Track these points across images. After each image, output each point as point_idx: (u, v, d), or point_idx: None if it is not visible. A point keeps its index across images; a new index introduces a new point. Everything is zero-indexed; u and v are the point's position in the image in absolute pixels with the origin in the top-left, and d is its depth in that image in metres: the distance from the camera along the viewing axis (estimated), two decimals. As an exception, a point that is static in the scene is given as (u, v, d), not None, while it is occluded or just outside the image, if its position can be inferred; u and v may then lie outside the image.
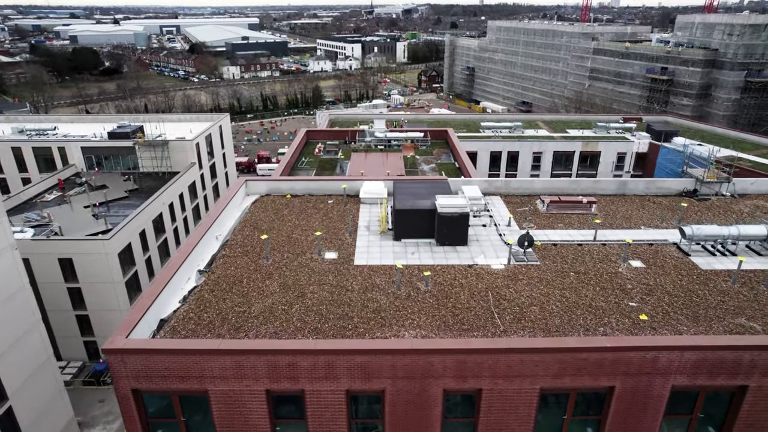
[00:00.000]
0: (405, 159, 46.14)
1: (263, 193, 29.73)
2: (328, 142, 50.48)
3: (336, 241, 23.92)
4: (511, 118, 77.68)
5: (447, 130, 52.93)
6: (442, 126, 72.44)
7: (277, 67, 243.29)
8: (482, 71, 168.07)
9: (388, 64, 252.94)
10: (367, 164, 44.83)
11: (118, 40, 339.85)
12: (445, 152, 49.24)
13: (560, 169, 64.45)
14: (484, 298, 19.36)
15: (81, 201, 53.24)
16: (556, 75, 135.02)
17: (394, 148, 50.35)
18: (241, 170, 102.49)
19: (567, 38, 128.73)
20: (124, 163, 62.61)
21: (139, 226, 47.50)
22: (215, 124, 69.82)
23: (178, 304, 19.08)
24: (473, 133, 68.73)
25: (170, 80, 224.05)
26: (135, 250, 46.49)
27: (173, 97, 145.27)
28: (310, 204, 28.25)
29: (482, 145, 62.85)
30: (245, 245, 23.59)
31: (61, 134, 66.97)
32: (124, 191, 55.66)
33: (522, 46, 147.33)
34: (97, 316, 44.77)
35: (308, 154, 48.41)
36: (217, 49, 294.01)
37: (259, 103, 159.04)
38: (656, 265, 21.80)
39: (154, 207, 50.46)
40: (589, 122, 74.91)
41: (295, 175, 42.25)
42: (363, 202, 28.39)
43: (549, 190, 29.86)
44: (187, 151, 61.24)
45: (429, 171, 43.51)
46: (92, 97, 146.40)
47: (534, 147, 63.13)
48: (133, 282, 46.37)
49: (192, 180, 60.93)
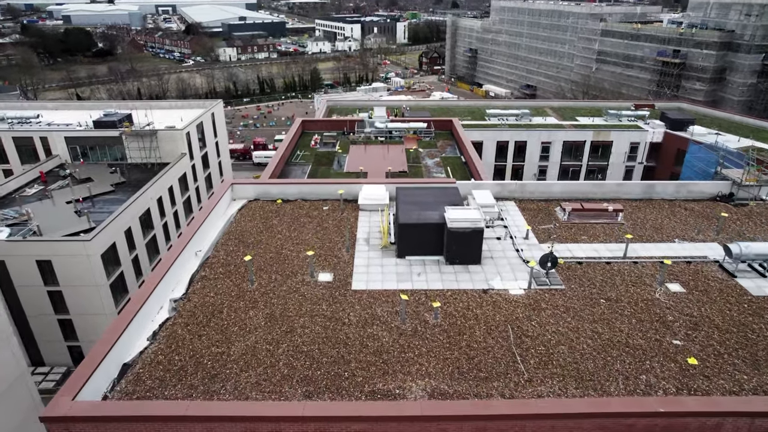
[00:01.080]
0: (407, 152, 43.06)
1: (251, 197, 26.78)
2: (326, 133, 47.32)
3: (331, 258, 21.08)
4: (518, 104, 74.22)
5: (451, 120, 49.70)
6: (445, 113, 69.16)
7: (274, 49, 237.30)
8: (485, 53, 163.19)
9: (388, 45, 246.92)
10: (366, 158, 41.77)
11: (113, 20, 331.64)
12: (450, 144, 46.11)
13: (570, 159, 61.36)
14: (503, 334, 16.60)
15: (64, 195, 50.23)
16: (562, 58, 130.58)
17: (396, 139, 47.21)
18: (236, 158, 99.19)
19: (574, 19, 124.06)
20: (111, 153, 59.38)
21: (125, 224, 44.61)
22: (207, 111, 66.36)
23: (147, 342, 16.33)
24: (478, 121, 65.41)
25: (165, 62, 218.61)
26: (120, 249, 43.69)
27: (167, 80, 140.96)
28: (303, 211, 25.33)
29: (488, 134, 59.62)
30: (228, 264, 20.75)
31: (45, 122, 63.62)
32: (110, 185, 52.60)
33: (527, 27, 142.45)
34: (80, 320, 42.21)
35: (304, 146, 45.29)
36: (213, 29, 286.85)
37: (255, 86, 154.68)
38: (698, 290, 19.00)
39: (140, 203, 47.50)
40: (599, 109, 71.43)
41: (289, 170, 39.28)
42: (362, 209, 25.48)
43: (568, 194, 26.93)
44: (177, 141, 57.97)
45: (433, 166, 40.48)
46: (82, 81, 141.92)
47: (543, 136, 59.92)
48: (118, 283, 43.67)
49: (182, 172, 57.82)
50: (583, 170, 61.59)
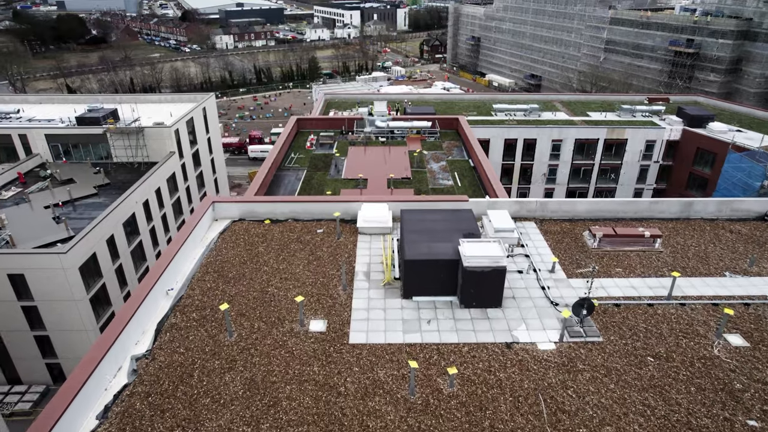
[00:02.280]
0: (411, 155, 39.72)
1: (235, 217, 23.55)
2: (322, 132, 43.92)
3: (325, 299, 17.94)
4: (525, 99, 70.63)
5: (458, 117, 46.26)
6: (449, 108, 65.68)
7: (272, 36, 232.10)
8: (488, 41, 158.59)
9: (389, 33, 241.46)
10: (366, 162, 38.44)
11: (108, 5, 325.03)
12: (457, 145, 42.75)
13: (582, 158, 58.02)
14: (534, 408, 13.52)
15: (43, 199, 47.00)
16: (568, 47, 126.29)
17: (398, 139, 43.84)
18: (231, 152, 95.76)
19: (581, 6, 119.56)
20: (95, 152, 56.01)
21: (107, 232, 41.48)
22: (198, 105, 62.80)
23: (95, 423, 13.24)
24: (485, 116, 61.96)
25: (160, 50, 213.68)
26: (102, 259, 40.62)
27: (161, 69, 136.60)
28: (294, 234, 22.12)
29: (495, 131, 56.21)
30: (203, 307, 17.61)
31: (26, 118, 60.10)
32: (93, 187, 49.33)
33: (531, 15, 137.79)
34: (58, 336, 39.28)
35: (298, 148, 41.94)
36: (210, 16, 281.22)
37: (252, 75, 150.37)
38: (765, 344, 15.89)
39: (124, 208, 44.30)
40: (611, 103, 67.91)
41: (282, 177, 35.98)
42: (362, 232, 22.28)
43: (595, 214, 23.71)
44: (165, 139, 54.57)
45: (439, 171, 37.17)
46: (72, 70, 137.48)
47: (553, 134, 56.53)
48: (100, 296, 40.65)
49: (171, 171, 54.51)
50: (595, 169, 58.30)
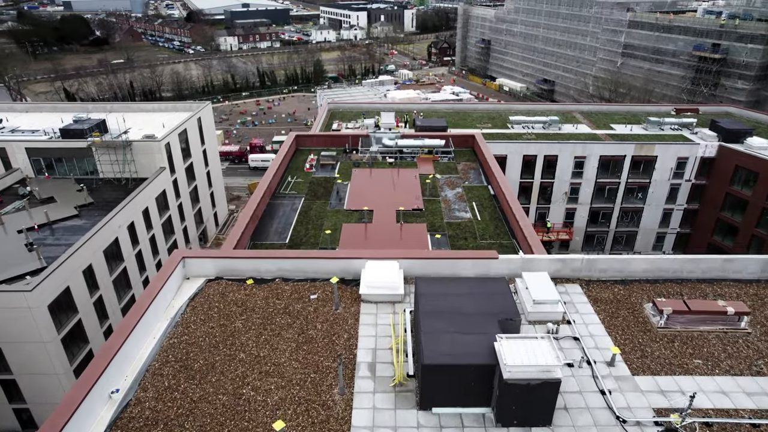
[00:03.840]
0: (422, 180, 35.27)
1: (211, 275, 19.22)
2: (323, 152, 39.51)
3: (316, 408, 13.56)
4: (543, 109, 65.97)
5: (473, 134, 41.76)
6: (461, 118, 61.23)
7: (277, 38, 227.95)
8: (499, 44, 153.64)
9: (396, 34, 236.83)
10: (372, 188, 34.04)
11: (114, 5, 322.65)
12: (473, 167, 38.23)
13: (606, 176, 53.33)
14: None
15: (19, 220, 42.92)
16: (584, 51, 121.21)
17: (408, 159, 39.41)
18: (231, 160, 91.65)
19: (597, 8, 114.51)
20: (80, 167, 51.96)
21: (83, 262, 37.35)
22: (193, 116, 58.65)
23: None
24: (500, 129, 57.41)
25: (164, 52, 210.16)
26: (77, 293, 36.50)
27: (161, 73, 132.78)
28: (281, 303, 17.75)
29: (513, 147, 51.65)
30: (155, 420, 13.27)
31: (10, 128, 56.24)
32: (74, 207, 45.24)
33: (544, 17, 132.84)
34: (26, 380, 35.18)
35: (297, 169, 37.59)
36: (215, 17, 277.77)
37: (255, 79, 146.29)
38: None
39: (105, 234, 40.17)
40: (636, 114, 63.15)
41: (275, 207, 31.62)
42: (365, 300, 17.89)
43: (654, 273, 19.19)
44: (155, 154, 50.44)
45: (455, 200, 32.69)
46: (69, 72, 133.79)
47: (576, 150, 51.88)
48: (76, 333, 36.48)
49: (161, 189, 50.37)
50: (621, 188, 53.62)
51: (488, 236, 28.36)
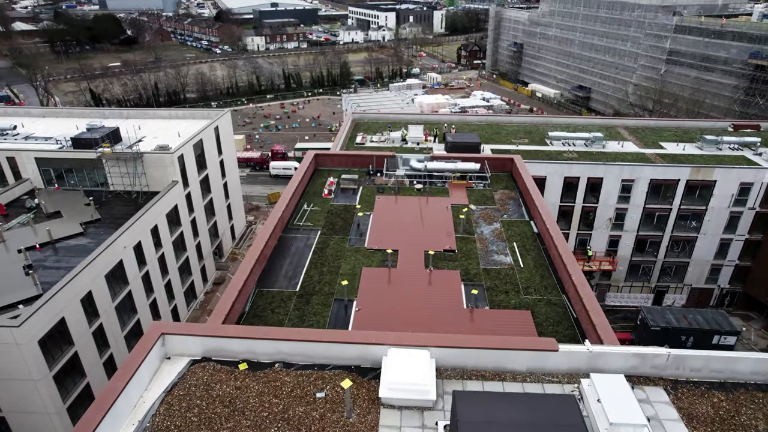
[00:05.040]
0: (454, 212, 31.13)
1: (197, 355, 15.53)
2: (344, 175, 35.65)
3: None
4: (584, 123, 60.88)
5: (512, 158, 37.34)
6: (495, 132, 56.74)
7: (304, 38, 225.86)
8: (532, 48, 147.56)
9: (424, 35, 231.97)
10: (397, 222, 30.04)
11: (147, 4, 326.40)
12: (513, 196, 33.87)
13: (657, 201, 48.15)
14: None
15: (21, 237, 40.46)
16: (623, 57, 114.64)
17: (438, 185, 35.28)
18: (252, 167, 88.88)
19: (640, 12, 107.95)
20: (90, 178, 49.46)
21: (82, 290, 34.47)
22: (209, 125, 55.64)
23: None
24: (538, 145, 52.76)
25: (192, 51, 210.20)
26: (73, 324, 33.63)
27: (186, 74, 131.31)
28: (279, 403, 13.91)
29: (553, 168, 46.96)
30: None
31: (24, 134, 54.25)
32: (79, 224, 42.54)
33: (581, 21, 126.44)
34: (16, 419, 32.43)
35: (314, 194, 33.85)
36: (244, 16, 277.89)
37: (281, 81, 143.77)
38: None
39: (108, 256, 37.27)
40: (688, 131, 57.60)
41: (287, 244, 27.92)
42: (386, 404, 13.92)
43: (764, 377, 14.67)
44: (167, 167, 47.55)
45: (492, 239, 28.45)
46: (95, 72, 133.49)
47: (624, 173, 46.88)
48: (70, 369, 33.57)
49: (173, 204, 47.44)
50: (672, 215, 48.37)
51: (533, 289, 24.05)
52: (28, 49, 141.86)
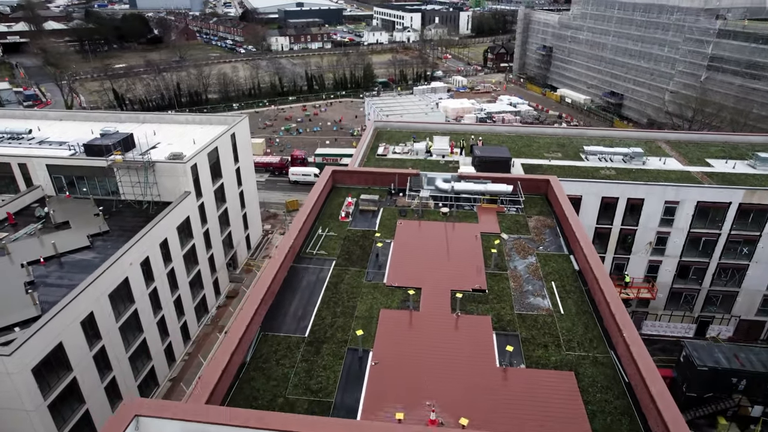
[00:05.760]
0: (484, 241, 28.04)
1: (177, 442, 12.87)
2: (363, 196, 32.82)
3: None
4: (621, 136, 56.88)
5: (548, 179, 34.03)
6: (526, 144, 53.31)
7: (329, 38, 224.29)
8: (562, 52, 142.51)
9: (450, 37, 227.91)
10: (420, 253, 27.08)
11: (175, 3, 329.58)
12: (549, 224, 30.60)
13: (703, 225, 44.13)
14: None
15: (27, 249, 38.80)
16: (659, 62, 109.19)
17: (466, 208, 32.20)
18: (271, 172, 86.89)
19: (679, 15, 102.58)
20: (102, 186, 47.73)
21: (82, 312, 32.46)
22: (225, 132, 53.47)
23: None
24: (572, 160, 49.20)
25: (216, 51, 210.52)
26: (72, 349, 31.58)
27: (208, 74, 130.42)
28: None
29: (590, 188, 43.37)
30: None
31: (40, 138, 53.01)
32: (87, 236, 40.72)
33: (615, 24, 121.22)
34: (9, 450, 30.71)
35: (330, 216, 31.12)
36: (269, 16, 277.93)
37: (303, 82, 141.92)
38: None
39: (113, 274, 35.24)
40: (737, 146, 53.26)
41: (298, 275, 25.23)
42: None
43: None
44: (180, 176, 45.50)
45: (527, 275, 25.29)
46: (119, 72, 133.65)
47: (668, 194, 43.01)
48: (67, 396, 31.52)
49: (185, 216, 45.36)
50: (721, 241, 44.27)
51: (576, 342, 20.86)
52: (57, 47, 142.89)
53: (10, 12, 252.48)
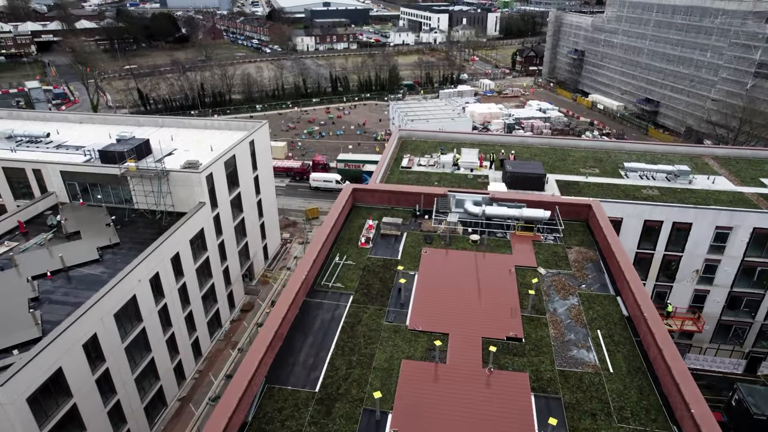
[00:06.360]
0: (519, 276, 25.10)
1: None
2: (386, 219, 30.12)
3: None
4: (664, 150, 52.92)
5: (590, 204, 30.80)
6: (560, 158, 49.91)
7: (354, 39, 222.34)
8: (594, 56, 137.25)
9: (477, 39, 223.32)
10: (447, 290, 24.28)
11: (204, 2, 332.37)
12: (591, 257, 27.43)
13: (760, 253, 40.11)
14: None
15: (35, 261, 37.35)
16: (700, 68, 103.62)
17: (498, 235, 29.26)
18: (292, 177, 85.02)
19: (725, 19, 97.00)
20: (115, 194, 46.22)
21: (85, 333, 30.65)
22: (244, 139, 51.48)
23: None
24: (610, 177, 45.66)
25: (242, 50, 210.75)
26: (72, 373, 29.80)
27: (232, 75, 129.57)
28: None
29: (632, 210, 39.83)
30: None
31: (58, 141, 51.96)
32: (96, 249, 39.09)
33: (653, 28, 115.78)
34: (4, 480, 29.09)
35: (349, 241, 28.55)
36: (295, 15, 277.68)
37: (327, 84, 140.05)
38: None
39: (120, 293, 33.42)
40: (794, 166, 48.79)
41: (311, 311, 22.71)
42: None
43: None
44: (194, 186, 43.65)
45: (569, 321, 22.27)
46: (142, 71, 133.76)
47: (720, 218, 39.17)
48: (66, 424, 29.72)
49: (199, 228, 43.45)
50: (778, 271, 40.17)
51: (630, 411, 17.81)
52: (87, 46, 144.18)
53: (47, 11, 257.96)
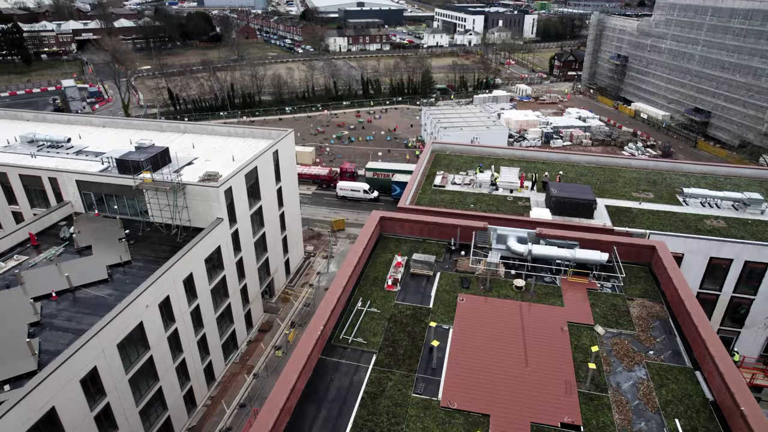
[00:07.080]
0: (573, 336, 21.10)
1: None
2: (416, 256, 26.42)
3: None
4: (725, 173, 47.53)
5: (654, 245, 26.47)
6: (608, 179, 45.21)
7: (388, 40, 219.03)
8: (639, 62, 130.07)
9: (513, 41, 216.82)
10: (486, 351, 20.52)
11: (240, 1, 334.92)
12: (659, 313, 23.16)
13: None
14: None
15: (41, 278, 35.25)
16: (759, 77, 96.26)
17: (546, 280, 25.26)
18: (318, 184, 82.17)
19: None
20: (131, 205, 43.97)
21: (84, 368, 28.13)
22: (267, 150, 48.65)
23: None
24: (667, 203, 40.80)
25: (275, 50, 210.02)
26: (67, 411, 27.25)
27: (262, 76, 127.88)
28: None
29: (695, 245, 35.05)
30: None
31: (79, 147, 50.26)
32: (106, 267, 36.77)
33: (706, 33, 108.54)
34: None
35: (374, 282, 25.04)
36: (329, 15, 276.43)
37: (358, 86, 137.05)
38: None
39: (125, 320, 30.88)
40: None
41: (324, 375, 19.30)
42: None
43: None
44: (212, 202, 40.99)
45: (636, 402, 18.21)
46: (173, 70, 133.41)
47: (802, 259, 34.02)
48: (62, 463, 27.46)
49: (215, 246, 40.78)
50: None
51: None
52: (121, 45, 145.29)
53: (90, 10, 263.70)
